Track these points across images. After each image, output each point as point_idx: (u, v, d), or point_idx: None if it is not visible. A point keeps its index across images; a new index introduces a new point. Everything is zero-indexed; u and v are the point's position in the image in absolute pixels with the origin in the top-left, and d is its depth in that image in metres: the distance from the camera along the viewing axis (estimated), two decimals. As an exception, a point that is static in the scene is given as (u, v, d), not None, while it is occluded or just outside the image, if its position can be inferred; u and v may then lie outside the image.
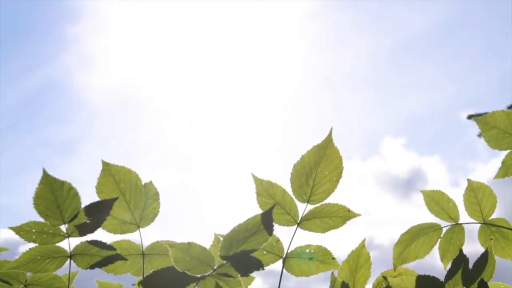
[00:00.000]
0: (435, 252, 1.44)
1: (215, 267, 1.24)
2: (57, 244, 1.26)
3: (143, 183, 1.35)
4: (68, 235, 1.25)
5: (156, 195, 1.36)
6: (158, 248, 1.39)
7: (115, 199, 1.26)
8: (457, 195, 1.42)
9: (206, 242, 1.36)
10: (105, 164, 1.33)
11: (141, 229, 1.37)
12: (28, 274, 1.33)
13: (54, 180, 1.19)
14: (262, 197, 1.34)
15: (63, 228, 1.24)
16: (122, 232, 1.37)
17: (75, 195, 1.21)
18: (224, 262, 1.23)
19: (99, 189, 1.34)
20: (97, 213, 1.25)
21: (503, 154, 1.35)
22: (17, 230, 1.22)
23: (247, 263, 1.24)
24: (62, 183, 1.20)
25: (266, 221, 1.21)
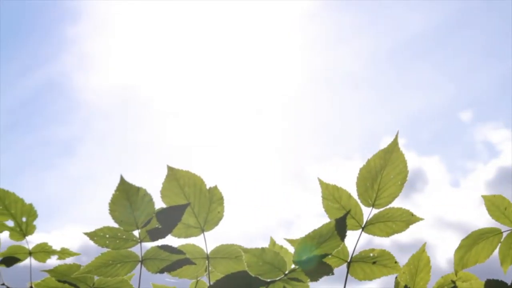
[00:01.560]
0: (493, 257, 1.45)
1: (286, 272, 1.25)
2: (129, 249, 1.27)
3: (207, 187, 1.36)
4: (141, 240, 1.26)
5: (220, 200, 1.36)
6: (223, 252, 1.39)
7: (187, 205, 1.27)
8: (457, 195, 1.43)
9: (207, 242, 1.38)
10: (170, 169, 1.34)
11: (205, 233, 1.38)
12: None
13: (130, 186, 1.20)
14: (327, 201, 1.35)
15: (136, 233, 1.25)
16: (186, 236, 1.37)
17: (149, 201, 1.22)
18: (296, 267, 1.24)
19: (163, 193, 1.34)
20: (169, 219, 1.25)
21: (503, 156, 1.36)
22: (91, 235, 1.23)
23: (318, 268, 1.25)
24: (138, 189, 1.21)
25: (340, 227, 1.22)
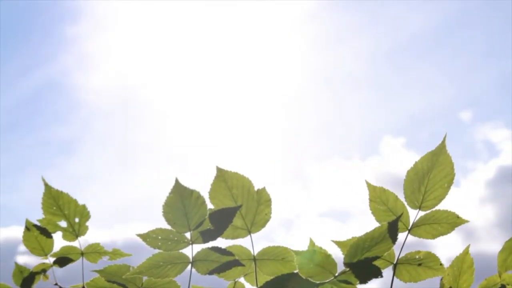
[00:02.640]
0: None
1: (336, 274, 1.26)
2: (180, 251, 1.28)
3: (255, 189, 1.37)
4: (192, 242, 1.27)
5: (268, 201, 1.37)
6: (269, 254, 1.40)
7: (239, 207, 1.28)
8: (457, 195, 1.43)
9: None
10: (219, 170, 1.35)
11: (252, 234, 1.39)
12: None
13: (185, 189, 1.21)
14: (374, 203, 1.36)
15: (187, 235, 1.26)
16: (233, 237, 1.38)
17: (203, 203, 1.23)
18: (347, 269, 1.25)
19: (211, 194, 1.35)
20: (221, 221, 1.26)
21: (503, 155, 1.36)
22: (144, 237, 1.24)
23: (368, 271, 1.26)
24: (191, 192, 1.21)
25: (392, 230, 1.23)
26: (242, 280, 1.47)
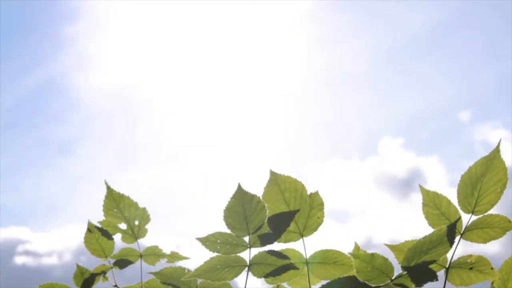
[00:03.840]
0: None
1: (392, 278, 1.27)
2: (237, 254, 1.29)
3: (308, 192, 1.38)
4: (250, 245, 1.28)
5: (321, 205, 1.38)
6: (322, 257, 1.41)
7: (297, 211, 1.29)
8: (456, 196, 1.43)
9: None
10: (273, 174, 1.36)
11: (304, 238, 1.40)
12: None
13: (246, 193, 1.22)
14: (428, 207, 1.37)
15: (246, 239, 1.27)
16: (286, 241, 1.39)
17: (263, 208, 1.24)
18: (404, 272, 1.26)
19: (264, 198, 1.36)
20: (279, 225, 1.27)
21: (502, 155, 1.36)
22: (204, 240, 1.25)
23: (424, 274, 1.27)
24: (252, 196, 1.23)
25: (450, 233, 1.24)
26: (285, 284, 1.48)
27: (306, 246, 1.41)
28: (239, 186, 1.21)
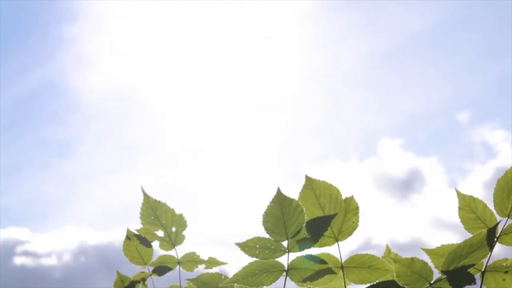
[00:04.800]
0: None
1: (431, 282, 1.27)
2: (276, 259, 1.29)
3: (343, 197, 1.38)
4: (288, 250, 1.28)
5: (356, 210, 1.38)
6: (357, 261, 1.41)
7: (334, 215, 1.29)
8: (455, 196, 1.43)
9: (207, 243, 1.40)
10: (308, 179, 1.36)
11: (339, 242, 1.39)
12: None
13: (285, 198, 1.22)
14: (464, 211, 1.37)
15: (285, 243, 1.27)
16: (321, 245, 1.39)
17: (301, 212, 1.24)
18: (443, 276, 1.26)
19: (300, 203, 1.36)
20: (317, 229, 1.27)
21: (500, 156, 1.36)
22: (243, 246, 1.25)
23: (462, 278, 1.26)
24: (291, 201, 1.23)
25: (489, 237, 1.24)
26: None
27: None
28: (279, 190, 1.21)
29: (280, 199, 1.22)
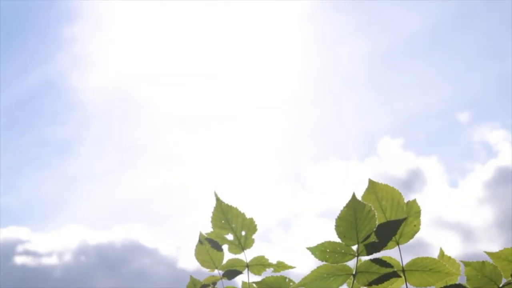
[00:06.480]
0: None
1: (500, 285, 1.28)
2: (344, 263, 1.30)
3: (405, 200, 1.38)
4: (358, 254, 1.28)
5: (418, 213, 1.38)
6: (418, 265, 1.41)
7: (404, 219, 1.29)
8: (456, 196, 1.45)
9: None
10: (371, 183, 1.36)
11: (400, 245, 1.40)
12: None
13: (358, 202, 1.22)
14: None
15: (354, 248, 1.27)
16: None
17: (373, 217, 1.25)
18: (512, 280, 1.26)
19: (361, 207, 1.37)
20: (386, 233, 1.28)
21: (500, 156, 1.37)
22: (314, 250, 1.26)
23: (530, 281, 1.27)
24: (364, 205, 1.23)
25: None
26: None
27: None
28: (353, 195, 1.21)
29: (354, 204, 1.22)
